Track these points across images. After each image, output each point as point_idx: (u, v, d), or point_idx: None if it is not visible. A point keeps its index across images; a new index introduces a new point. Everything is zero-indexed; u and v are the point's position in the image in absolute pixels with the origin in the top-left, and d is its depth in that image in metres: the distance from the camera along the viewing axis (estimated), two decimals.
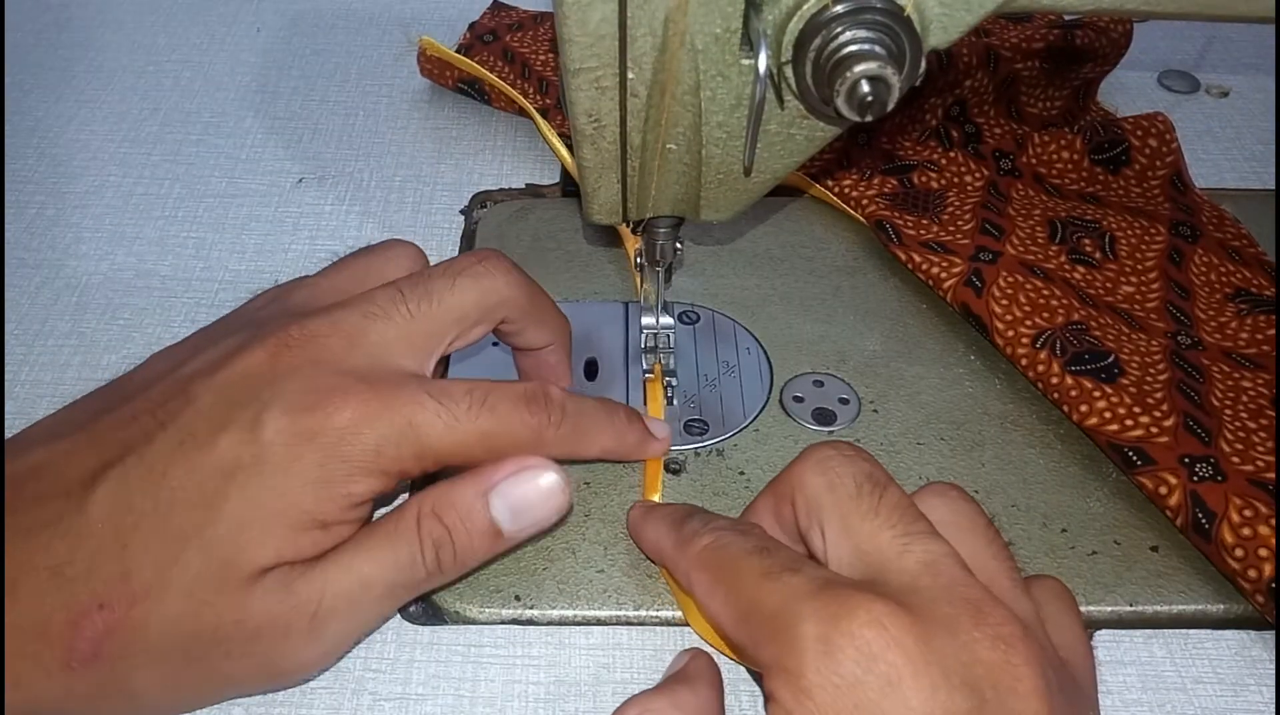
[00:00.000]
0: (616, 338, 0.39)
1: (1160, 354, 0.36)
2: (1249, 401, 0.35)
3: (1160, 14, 0.26)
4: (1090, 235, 0.41)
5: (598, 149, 0.27)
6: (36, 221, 0.44)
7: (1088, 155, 0.45)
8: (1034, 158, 0.45)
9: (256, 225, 0.44)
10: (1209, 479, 0.32)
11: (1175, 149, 0.44)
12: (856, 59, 0.22)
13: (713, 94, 0.26)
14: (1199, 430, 0.33)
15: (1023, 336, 0.36)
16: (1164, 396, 0.34)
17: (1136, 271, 0.40)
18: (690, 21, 0.24)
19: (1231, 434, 0.33)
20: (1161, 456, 0.32)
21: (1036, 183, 0.44)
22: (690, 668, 0.26)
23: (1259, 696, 0.29)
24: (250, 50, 0.55)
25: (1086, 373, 0.35)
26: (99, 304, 0.40)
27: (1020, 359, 0.36)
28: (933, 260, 0.39)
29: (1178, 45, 0.55)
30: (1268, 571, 0.30)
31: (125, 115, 0.50)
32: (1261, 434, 0.33)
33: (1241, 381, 0.35)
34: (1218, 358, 0.36)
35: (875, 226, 0.42)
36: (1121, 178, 0.44)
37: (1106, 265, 0.40)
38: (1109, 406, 0.34)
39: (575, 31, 0.24)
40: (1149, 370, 0.35)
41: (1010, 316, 0.37)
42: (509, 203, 0.45)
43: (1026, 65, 0.46)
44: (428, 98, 0.52)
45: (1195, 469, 0.32)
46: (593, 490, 0.33)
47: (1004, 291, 0.38)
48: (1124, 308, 0.39)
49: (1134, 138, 0.44)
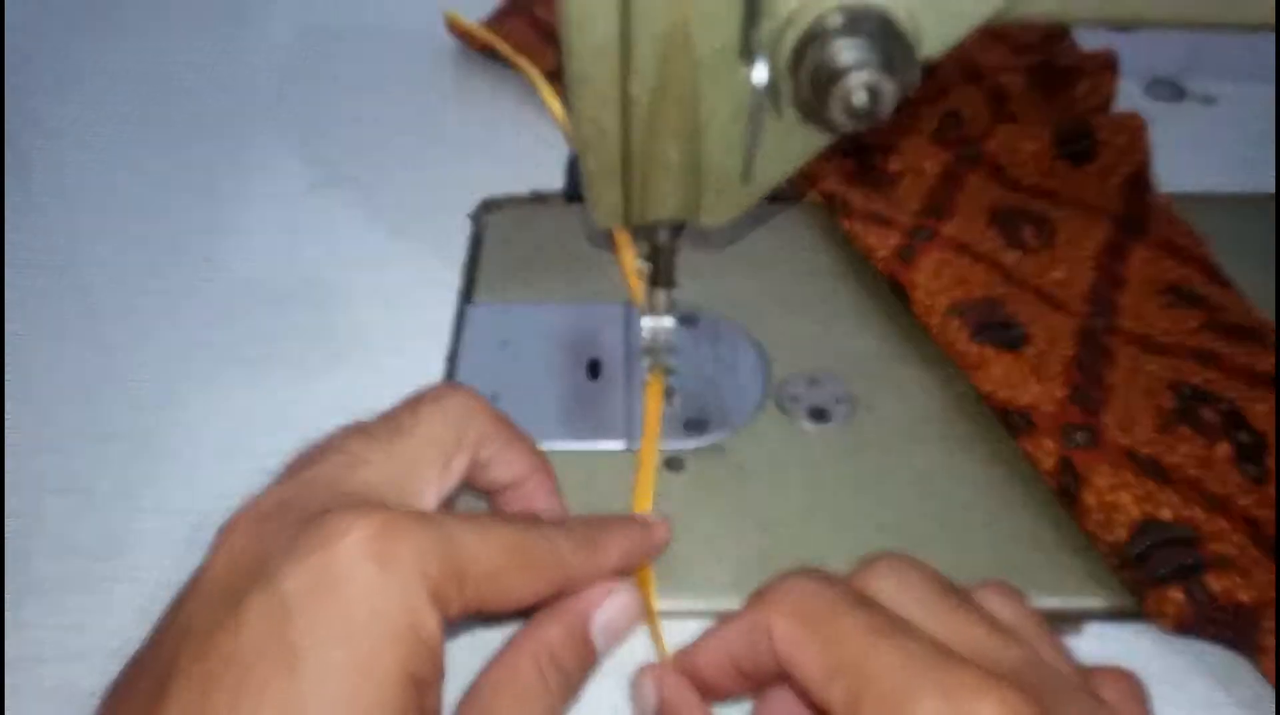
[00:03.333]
0: (617, 338, 0.39)
1: (1071, 332, 0.37)
2: (1146, 382, 0.36)
3: (1147, 21, 0.26)
4: (1032, 223, 0.42)
5: (601, 156, 0.28)
6: (41, 224, 0.45)
7: (1052, 147, 0.45)
8: (998, 145, 0.46)
9: (266, 231, 0.45)
10: (1084, 446, 0.33)
11: (1143, 149, 0.44)
12: (852, 69, 0.23)
13: (712, 103, 0.26)
14: (1087, 401, 0.34)
15: (939, 305, 0.38)
16: (1061, 370, 0.35)
17: (1070, 259, 0.41)
18: (691, 32, 0.25)
19: (1120, 409, 0.34)
20: (1044, 423, 0.34)
21: (996, 172, 0.45)
22: (672, 700, 0.26)
23: (1250, 693, 0.30)
24: (259, 56, 0.56)
25: (990, 342, 0.36)
26: (108, 308, 0.41)
27: (933, 327, 0.38)
28: (871, 229, 0.41)
29: (1164, 53, 0.56)
30: (1121, 537, 0.31)
31: (131, 119, 0.51)
32: (1150, 412, 0.34)
33: (1147, 365, 0.37)
34: (1130, 342, 0.38)
35: (826, 199, 0.43)
36: (1082, 172, 0.45)
37: (1041, 252, 0.41)
38: (1005, 374, 0.35)
39: (579, 43, 0.25)
40: (1055, 345, 0.37)
41: (931, 287, 0.38)
42: (515, 208, 0.46)
43: (1011, 79, 0.47)
44: (435, 105, 0.52)
45: (1074, 436, 0.33)
46: (593, 491, 0.34)
47: (932, 265, 0.39)
48: (1050, 291, 0.40)
49: (1103, 133, 0.45)
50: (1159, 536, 0.31)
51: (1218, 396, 0.35)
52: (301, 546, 0.22)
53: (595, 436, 0.36)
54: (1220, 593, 0.29)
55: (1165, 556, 0.30)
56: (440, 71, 0.56)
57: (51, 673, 0.29)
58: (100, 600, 0.31)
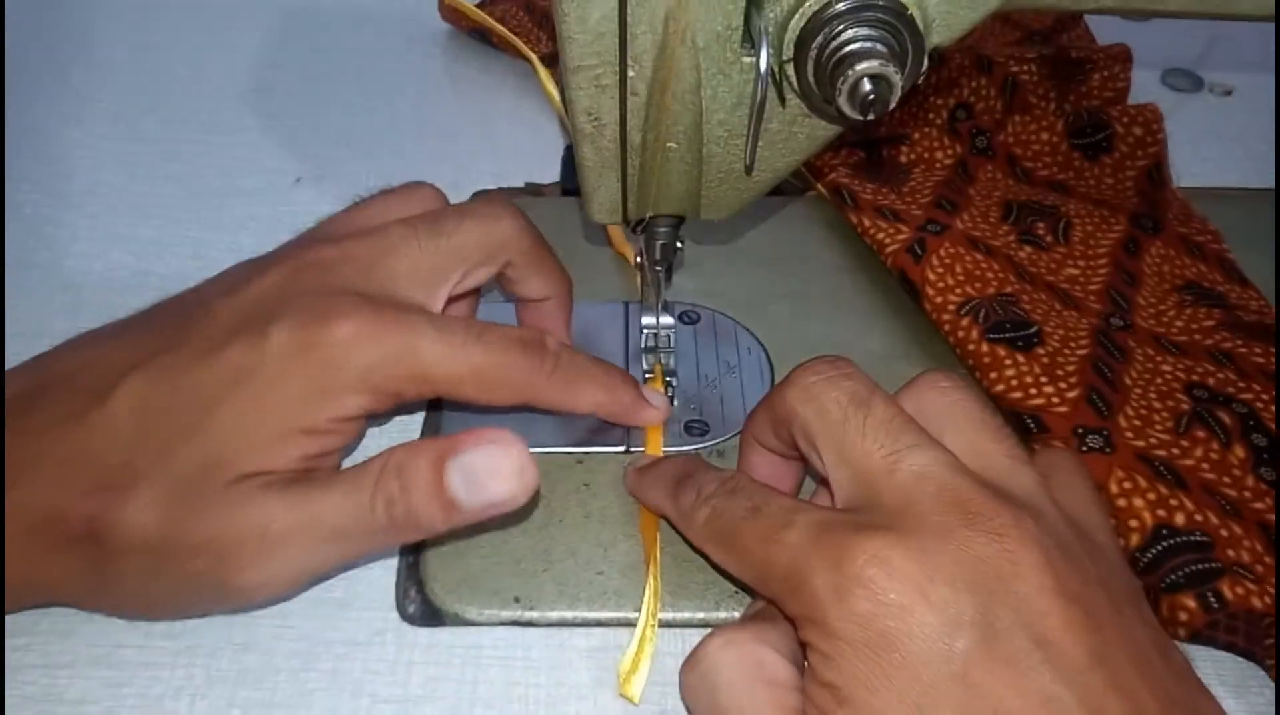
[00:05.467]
0: (617, 338, 0.38)
1: (1086, 332, 0.36)
2: (1162, 383, 0.35)
3: (1163, 12, 0.26)
4: (1045, 219, 0.41)
5: (598, 148, 0.27)
6: (33, 220, 0.44)
7: (1067, 138, 0.44)
8: (1011, 136, 0.45)
9: (254, 224, 0.44)
10: (1097, 450, 0.32)
11: (1160, 141, 0.44)
12: (858, 57, 0.22)
13: (713, 92, 0.25)
14: (1100, 404, 0.33)
15: (950, 303, 0.37)
16: (1075, 370, 0.35)
17: (1086, 256, 0.40)
18: (691, 19, 0.24)
19: (1133, 411, 0.34)
20: (1056, 425, 0.33)
21: (1008, 164, 0.44)
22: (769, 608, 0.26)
23: (1259, 697, 0.29)
24: (248, 48, 0.55)
25: (1003, 341, 0.35)
26: (95, 303, 0.40)
27: (944, 325, 0.37)
28: (880, 226, 0.40)
29: (1181, 44, 0.55)
30: (1134, 542, 0.30)
31: (122, 114, 0.50)
32: (1164, 414, 0.34)
33: (1162, 365, 0.36)
34: (1145, 341, 0.37)
35: (833, 192, 0.42)
36: (1098, 165, 0.44)
37: (1056, 248, 0.40)
38: (1017, 374, 0.34)
39: (575, 29, 0.24)
40: (1069, 344, 0.36)
41: (943, 283, 0.38)
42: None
43: (1023, 69, 0.46)
44: (426, 96, 0.51)
45: (1086, 439, 0.32)
46: (592, 491, 0.33)
47: (942, 261, 0.38)
48: (1064, 288, 0.39)
49: (1119, 124, 0.44)
50: (1172, 542, 0.30)
51: (1233, 398, 0.34)
52: (296, 315, 0.27)
53: (593, 440, 0.35)
54: (1233, 600, 0.29)
55: (1178, 563, 0.29)
56: (431, 59, 0.55)
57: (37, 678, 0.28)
58: None
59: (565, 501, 0.33)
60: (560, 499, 0.33)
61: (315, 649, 0.30)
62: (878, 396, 0.26)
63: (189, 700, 0.28)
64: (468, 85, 0.53)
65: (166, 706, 0.28)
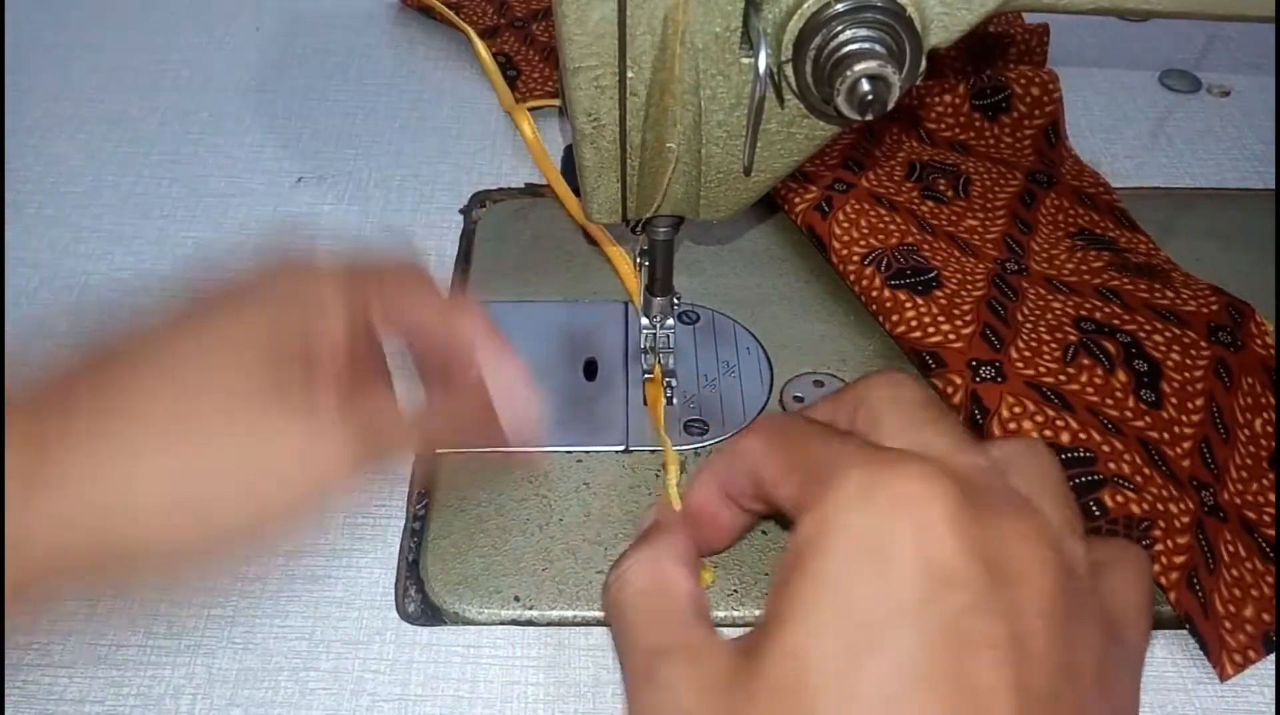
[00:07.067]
0: (616, 338, 0.38)
1: (983, 275, 0.38)
2: (1052, 318, 0.37)
3: (1161, 12, 0.26)
4: (946, 176, 0.43)
5: (597, 148, 0.27)
6: (34, 220, 0.44)
7: (969, 100, 0.46)
8: (915, 100, 0.46)
9: (256, 225, 0.44)
10: (990, 380, 0.34)
11: (1056, 101, 0.46)
12: (857, 58, 0.22)
13: (712, 93, 0.25)
14: (993, 338, 0.35)
15: (855, 255, 0.39)
16: (970, 309, 0.37)
17: (985, 209, 0.42)
18: (690, 20, 0.24)
19: (1024, 343, 0.35)
20: (952, 360, 0.35)
21: (911, 127, 0.46)
22: (661, 520, 0.26)
23: (1259, 697, 0.29)
24: (249, 49, 0.55)
25: (904, 286, 0.37)
26: (96, 304, 0.40)
27: (849, 275, 0.38)
28: (790, 186, 0.41)
29: (1179, 44, 0.55)
30: None
31: (124, 115, 0.50)
32: (1053, 345, 0.35)
33: (1053, 302, 0.38)
34: (1038, 282, 0.39)
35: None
36: (997, 124, 0.46)
37: (956, 202, 0.42)
38: (916, 316, 0.36)
39: (574, 30, 0.24)
40: (965, 287, 0.38)
41: (848, 237, 0.39)
42: (508, 202, 0.45)
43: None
44: (427, 97, 0.51)
45: (979, 371, 0.34)
46: (592, 491, 0.33)
47: (848, 216, 0.40)
48: (963, 237, 0.41)
49: (1017, 85, 0.46)
50: (1059, 458, 0.31)
51: (1118, 329, 0.36)
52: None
53: (592, 439, 0.35)
54: (1114, 507, 0.30)
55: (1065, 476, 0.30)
56: (432, 60, 0.55)
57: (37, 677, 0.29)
58: (88, 604, 0.30)
59: (565, 501, 0.33)
60: (560, 499, 0.33)
61: (315, 649, 0.30)
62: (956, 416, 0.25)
63: (189, 700, 0.28)
64: (468, 86, 0.53)
65: (167, 706, 0.28)
